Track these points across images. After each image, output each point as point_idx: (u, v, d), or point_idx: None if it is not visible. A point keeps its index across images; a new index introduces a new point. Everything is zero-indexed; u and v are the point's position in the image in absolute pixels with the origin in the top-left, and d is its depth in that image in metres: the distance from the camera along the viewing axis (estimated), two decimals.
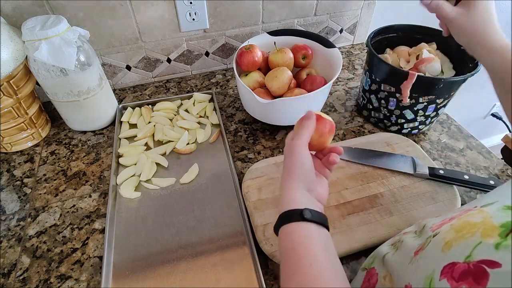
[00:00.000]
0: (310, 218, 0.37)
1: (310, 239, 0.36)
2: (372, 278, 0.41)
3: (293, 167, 0.41)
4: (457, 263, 0.26)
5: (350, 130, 0.76)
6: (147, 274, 0.51)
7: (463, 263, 0.26)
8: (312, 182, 0.41)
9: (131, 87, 0.89)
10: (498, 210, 0.28)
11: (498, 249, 0.24)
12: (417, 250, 0.34)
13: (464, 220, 0.29)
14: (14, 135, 0.69)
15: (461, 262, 0.26)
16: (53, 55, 0.59)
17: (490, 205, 0.30)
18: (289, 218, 0.37)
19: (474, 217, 0.29)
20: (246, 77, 0.72)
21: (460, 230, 0.28)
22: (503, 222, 0.26)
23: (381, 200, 0.59)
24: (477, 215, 0.29)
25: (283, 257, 0.37)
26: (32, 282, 0.51)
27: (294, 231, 0.37)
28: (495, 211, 0.28)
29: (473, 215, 0.29)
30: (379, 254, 0.43)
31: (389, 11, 1.02)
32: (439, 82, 0.64)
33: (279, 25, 0.91)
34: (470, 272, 0.24)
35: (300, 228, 0.37)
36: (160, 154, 0.69)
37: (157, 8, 0.77)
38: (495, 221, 0.26)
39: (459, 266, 0.26)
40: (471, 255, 0.25)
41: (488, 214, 0.28)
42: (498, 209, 0.28)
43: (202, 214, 0.59)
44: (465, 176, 0.60)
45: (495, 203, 0.30)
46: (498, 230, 0.25)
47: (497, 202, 0.30)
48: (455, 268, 0.26)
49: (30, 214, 0.60)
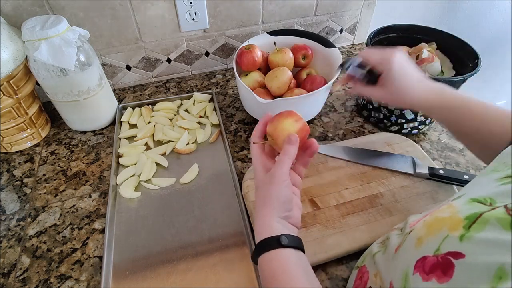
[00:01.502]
0: (287, 244, 0.37)
1: (290, 265, 0.36)
2: (363, 276, 0.42)
3: (272, 197, 0.39)
4: (427, 257, 0.27)
5: (350, 130, 0.76)
6: (147, 274, 0.51)
7: (432, 256, 0.27)
8: (289, 210, 0.40)
9: (131, 87, 0.89)
10: (464, 204, 0.29)
11: (462, 240, 0.25)
12: (397, 247, 0.35)
13: (435, 216, 0.30)
14: (14, 135, 0.69)
15: (431, 255, 0.27)
16: (53, 55, 0.59)
17: (458, 199, 0.31)
18: (266, 246, 0.37)
19: (444, 212, 0.30)
20: (246, 77, 0.73)
21: (431, 226, 0.30)
22: (467, 214, 0.27)
23: (381, 200, 0.59)
24: (446, 210, 0.30)
25: (266, 286, 0.36)
26: (32, 282, 0.51)
27: (273, 259, 0.36)
28: (461, 205, 0.29)
29: (443, 210, 0.30)
30: (370, 253, 0.44)
31: (389, 11, 1.02)
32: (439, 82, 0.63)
33: (279, 25, 0.91)
34: (439, 264, 0.26)
35: (279, 255, 0.36)
36: (160, 154, 0.69)
37: (157, 8, 0.77)
38: (460, 214, 0.27)
39: (429, 260, 0.27)
40: (439, 248, 0.26)
41: (455, 209, 0.29)
42: (464, 202, 0.29)
43: (202, 214, 0.59)
44: (465, 176, 0.60)
45: (463, 196, 0.31)
46: (462, 223, 0.26)
47: (464, 195, 0.31)
48: (425, 262, 0.27)
49: (30, 214, 0.60)
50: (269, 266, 0.36)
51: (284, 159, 0.40)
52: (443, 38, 0.75)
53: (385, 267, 0.37)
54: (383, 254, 0.39)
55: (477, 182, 0.33)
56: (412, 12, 1.09)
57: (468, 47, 0.70)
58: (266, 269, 0.37)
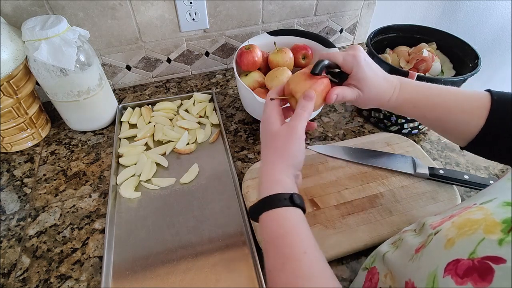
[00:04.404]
0: (300, 204, 0.35)
1: (301, 226, 0.34)
2: (373, 277, 0.41)
3: (289, 151, 0.38)
4: (461, 260, 0.26)
5: (350, 130, 0.76)
6: (147, 274, 0.51)
7: (467, 259, 0.25)
8: (300, 170, 0.39)
9: (131, 87, 0.89)
10: (498, 207, 0.28)
11: (501, 245, 0.24)
12: (418, 247, 0.34)
13: (466, 217, 0.29)
14: (14, 135, 0.69)
15: (465, 258, 0.26)
16: (53, 55, 0.59)
17: (489, 202, 0.30)
18: (277, 202, 0.35)
19: (475, 214, 0.29)
20: (246, 77, 0.73)
21: (462, 227, 0.28)
22: (504, 218, 0.26)
23: (381, 200, 0.59)
24: (477, 212, 0.29)
25: (270, 245, 0.34)
26: (32, 282, 0.51)
27: (282, 216, 0.34)
28: (494, 208, 0.28)
29: (473, 212, 0.29)
30: (379, 253, 0.43)
31: (389, 11, 1.02)
32: (439, 82, 0.64)
33: (279, 25, 0.91)
34: (475, 269, 0.24)
35: (289, 213, 0.34)
36: (160, 154, 0.69)
37: (157, 8, 0.77)
38: (496, 217, 0.27)
39: (463, 263, 0.26)
40: (475, 251, 0.25)
41: (488, 211, 0.28)
42: (498, 205, 0.28)
43: (202, 214, 0.59)
44: (465, 176, 0.60)
45: (494, 200, 0.30)
46: (500, 226, 0.25)
47: (495, 198, 0.30)
48: (459, 265, 0.26)
49: (30, 214, 0.60)
50: (276, 223, 0.34)
51: (302, 113, 0.39)
52: (443, 38, 0.75)
53: (401, 267, 0.36)
54: (396, 254, 0.39)
55: (505, 186, 0.32)
56: (412, 12, 1.09)
57: (468, 47, 0.70)
58: (273, 227, 0.34)
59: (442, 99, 0.46)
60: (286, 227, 0.34)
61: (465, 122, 0.44)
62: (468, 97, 0.44)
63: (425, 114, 0.47)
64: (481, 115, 0.42)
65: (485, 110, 0.42)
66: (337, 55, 0.46)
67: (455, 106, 0.45)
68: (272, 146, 0.39)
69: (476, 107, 0.43)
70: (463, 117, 0.44)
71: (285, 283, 0.31)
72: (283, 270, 0.32)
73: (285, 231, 0.33)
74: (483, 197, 0.32)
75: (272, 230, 0.34)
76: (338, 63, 0.46)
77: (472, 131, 0.44)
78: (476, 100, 0.44)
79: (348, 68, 0.46)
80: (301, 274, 0.31)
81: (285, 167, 0.38)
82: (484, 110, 0.42)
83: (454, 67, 0.74)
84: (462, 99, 0.45)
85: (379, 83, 0.46)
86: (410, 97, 0.47)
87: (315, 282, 0.31)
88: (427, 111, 0.47)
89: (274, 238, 0.34)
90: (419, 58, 0.70)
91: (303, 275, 0.31)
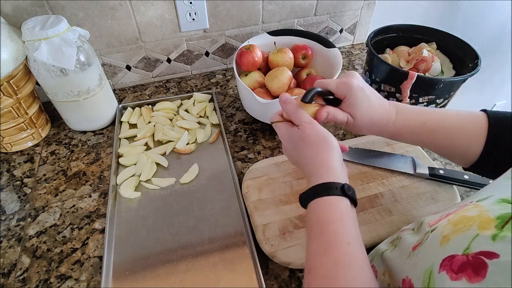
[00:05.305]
0: (351, 195, 0.36)
1: (349, 217, 0.35)
2: None
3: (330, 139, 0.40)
4: (455, 256, 0.26)
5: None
6: (147, 274, 0.51)
7: (461, 255, 0.26)
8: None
9: (131, 87, 0.89)
10: (493, 204, 0.28)
11: (495, 240, 0.24)
12: (416, 245, 0.34)
13: (461, 215, 0.30)
14: (14, 135, 0.69)
15: (460, 254, 0.26)
16: (53, 55, 0.59)
17: (484, 200, 0.31)
18: (330, 190, 0.36)
19: (470, 211, 0.29)
20: (246, 77, 0.73)
21: (457, 224, 0.29)
22: (499, 214, 0.26)
23: (381, 200, 0.59)
24: (473, 209, 0.29)
25: (315, 230, 0.35)
26: (32, 282, 0.51)
27: (334, 204, 0.35)
28: (490, 205, 0.29)
29: (469, 209, 0.30)
30: (378, 252, 0.43)
31: (389, 11, 1.02)
32: (439, 82, 0.64)
33: (279, 25, 0.91)
34: (469, 264, 0.25)
35: (340, 202, 0.35)
36: (160, 154, 0.69)
37: (157, 8, 0.77)
38: (490, 214, 0.27)
39: (458, 259, 0.26)
40: (469, 247, 0.26)
41: (483, 208, 0.28)
42: (493, 202, 0.29)
43: (202, 214, 0.59)
44: (465, 176, 0.60)
45: (490, 198, 0.30)
46: (494, 222, 0.26)
47: (491, 196, 0.30)
48: (453, 261, 0.26)
49: (30, 214, 0.60)
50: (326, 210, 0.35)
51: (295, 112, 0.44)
52: (443, 38, 0.76)
53: (398, 264, 0.37)
54: (394, 252, 0.39)
55: (502, 184, 0.32)
56: (412, 12, 1.09)
57: (468, 47, 0.70)
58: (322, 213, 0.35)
59: (440, 124, 0.46)
60: (333, 215, 0.35)
61: (465, 146, 0.44)
62: (465, 120, 0.45)
63: (424, 140, 0.48)
64: (480, 137, 0.43)
65: (483, 131, 0.43)
66: (330, 83, 0.47)
67: (453, 131, 0.45)
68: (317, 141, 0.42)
69: (474, 130, 0.44)
70: (462, 140, 0.45)
71: (326, 268, 0.32)
72: (325, 256, 0.32)
73: (332, 218, 0.34)
74: (480, 195, 0.33)
75: (319, 217, 0.35)
76: (332, 90, 0.47)
77: (473, 153, 0.44)
78: (473, 121, 0.44)
79: (341, 95, 0.46)
80: (341, 263, 0.32)
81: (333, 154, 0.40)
82: (483, 131, 0.43)
83: (454, 67, 0.74)
84: (460, 123, 0.45)
85: (373, 109, 0.47)
86: (407, 123, 0.47)
87: (354, 273, 0.32)
88: (425, 137, 0.47)
89: (320, 224, 0.35)
90: (419, 58, 0.70)
91: (343, 264, 0.32)
